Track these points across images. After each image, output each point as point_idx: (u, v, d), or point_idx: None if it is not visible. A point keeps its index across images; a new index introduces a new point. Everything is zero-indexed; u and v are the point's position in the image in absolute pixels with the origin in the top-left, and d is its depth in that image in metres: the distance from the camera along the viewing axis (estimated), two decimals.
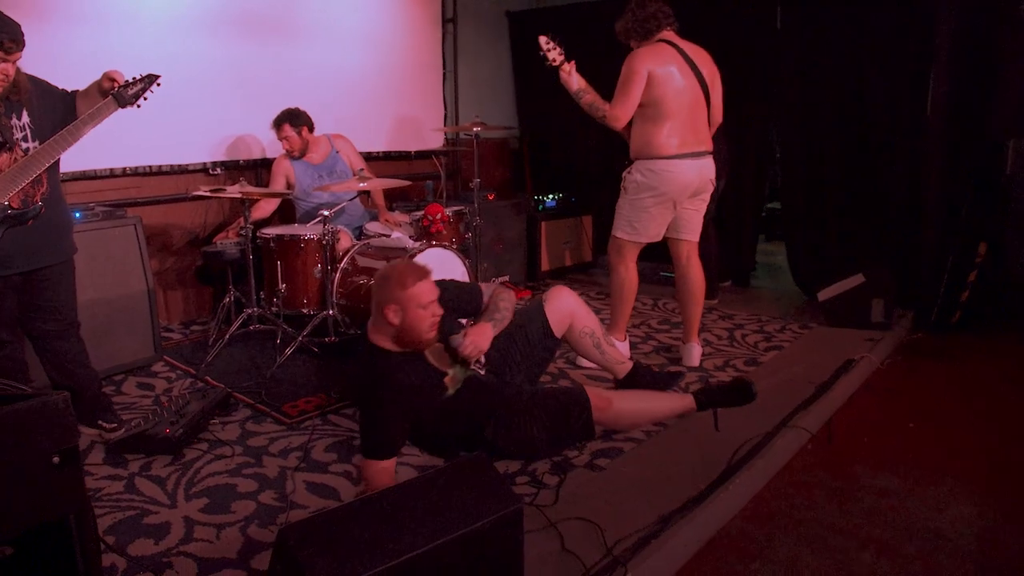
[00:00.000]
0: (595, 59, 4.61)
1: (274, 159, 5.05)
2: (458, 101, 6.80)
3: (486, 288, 3.34)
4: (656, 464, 2.99)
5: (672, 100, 3.80)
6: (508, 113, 7.25)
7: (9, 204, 2.83)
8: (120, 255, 4.07)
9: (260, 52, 5.25)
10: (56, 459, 1.60)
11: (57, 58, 3.98)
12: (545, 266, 6.32)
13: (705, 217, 4.22)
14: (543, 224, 6.25)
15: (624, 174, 4.02)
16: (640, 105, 3.83)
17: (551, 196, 6.40)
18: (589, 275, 6.62)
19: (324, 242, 4.17)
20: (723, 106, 4.19)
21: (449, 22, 6.65)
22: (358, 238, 4.75)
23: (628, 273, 4.11)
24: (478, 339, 3.02)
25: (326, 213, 4.14)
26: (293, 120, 4.85)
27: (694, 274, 4.15)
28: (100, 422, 3.33)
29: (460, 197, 6.15)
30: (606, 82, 3.98)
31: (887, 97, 5.12)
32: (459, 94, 6.83)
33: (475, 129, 4.59)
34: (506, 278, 5.81)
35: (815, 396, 3.70)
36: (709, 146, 4.00)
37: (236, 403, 3.62)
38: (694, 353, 4.20)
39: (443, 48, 6.62)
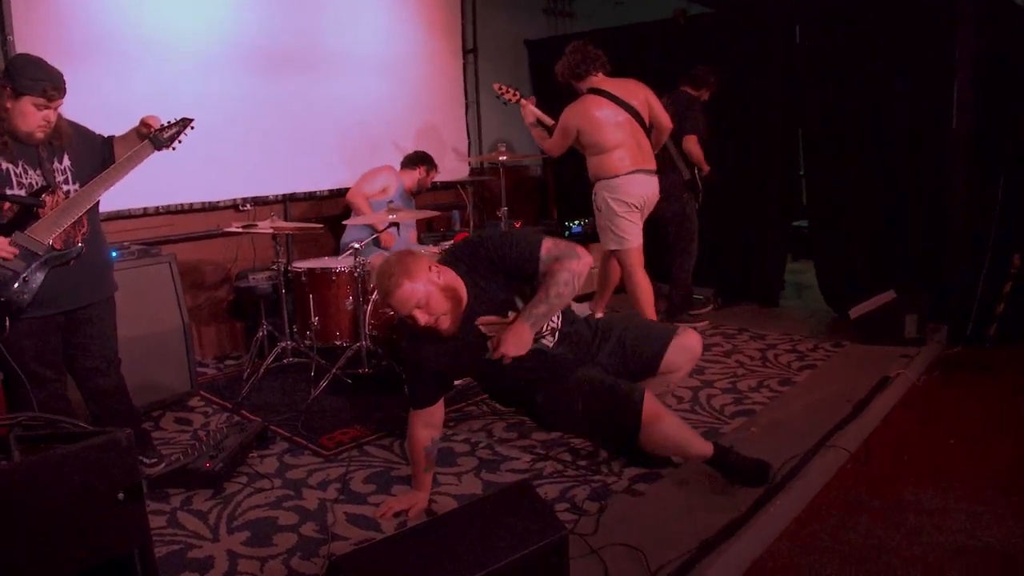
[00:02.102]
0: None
1: (305, 193, 5.12)
2: (481, 130, 6.87)
3: (550, 247, 2.75)
4: (695, 489, 2.98)
5: (611, 136, 4.55)
6: (530, 140, 7.28)
7: (52, 245, 2.90)
8: (156, 292, 4.13)
9: (285, 87, 5.34)
10: (121, 495, 1.63)
11: (95, 101, 4.07)
12: None
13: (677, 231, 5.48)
14: None
15: (593, 198, 4.74)
16: (586, 146, 4.66)
17: (577, 222, 6.42)
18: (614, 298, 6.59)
19: (355, 274, 4.21)
20: (747, 125, 4.84)
21: (470, 52, 6.73)
22: None
23: (635, 274, 4.74)
24: (510, 346, 2.72)
25: (356, 246, 4.19)
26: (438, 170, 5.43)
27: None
28: (141, 457, 3.36)
29: (487, 226, 6.19)
30: None
31: (910, 109, 5.10)
32: (482, 123, 6.89)
33: (501, 157, 4.63)
34: None
35: (852, 415, 3.67)
36: (654, 166, 4.72)
37: (273, 436, 3.65)
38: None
39: (464, 78, 6.70)
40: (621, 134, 4.56)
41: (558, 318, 2.94)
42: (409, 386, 2.97)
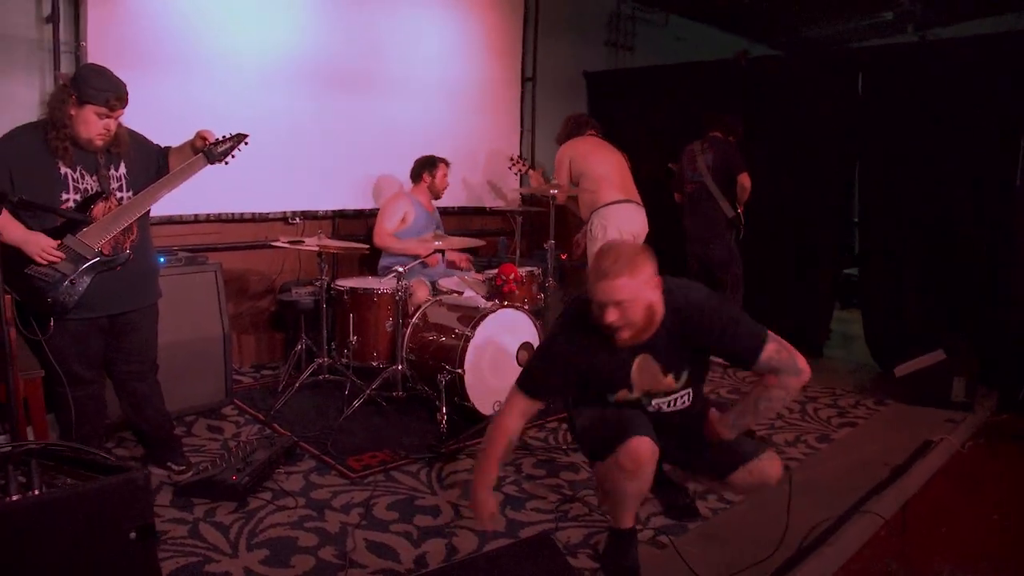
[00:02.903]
0: (661, 114, 5.04)
1: (355, 210, 5.17)
2: (534, 158, 6.88)
3: (771, 354, 2.56)
4: (721, 545, 2.91)
5: (599, 166, 4.89)
6: None
7: (101, 250, 2.96)
8: (200, 300, 4.20)
9: (342, 106, 5.42)
10: (133, 535, 1.63)
11: (156, 109, 4.17)
12: None
13: (724, 275, 5.55)
14: None
15: (587, 229, 4.97)
16: (578, 178, 4.93)
17: None
18: None
19: (397, 297, 4.22)
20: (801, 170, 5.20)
21: (528, 81, 6.77)
22: (432, 293, 4.81)
23: None
24: (716, 430, 2.69)
25: (400, 269, 4.20)
26: (447, 161, 5.21)
27: None
28: (169, 464, 3.40)
29: (533, 256, 6.18)
30: (669, 137, 4.59)
31: (972, 164, 4.99)
32: (535, 151, 6.91)
33: (552, 192, 4.62)
34: None
35: (890, 479, 3.56)
36: (639, 200, 4.98)
37: (302, 453, 3.66)
38: None
39: (521, 106, 6.73)
40: (609, 167, 4.92)
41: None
42: (533, 368, 2.76)
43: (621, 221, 4.84)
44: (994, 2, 6.97)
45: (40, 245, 2.83)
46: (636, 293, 2.43)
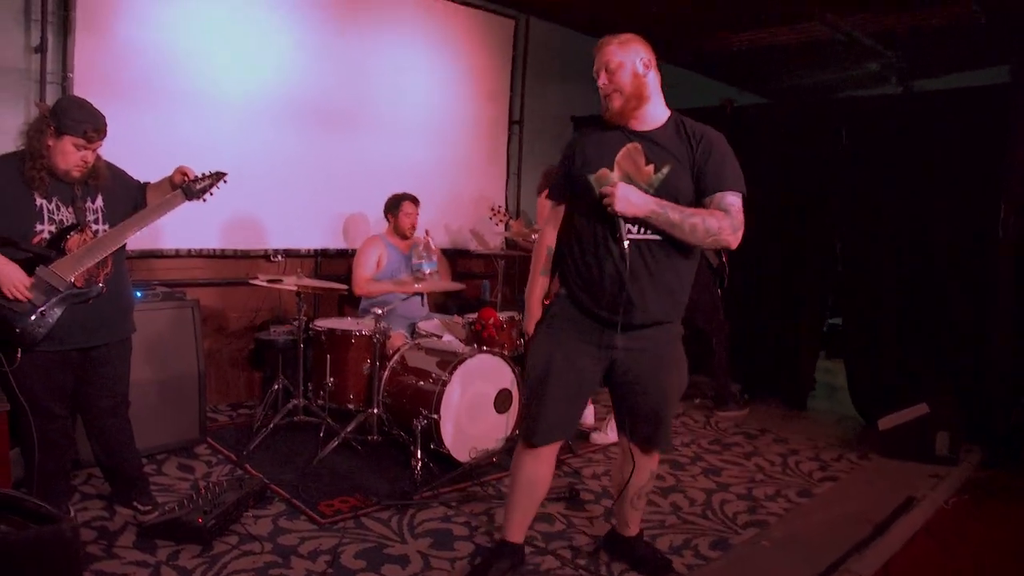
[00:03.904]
0: None
1: (337, 250, 5.12)
2: (520, 202, 6.88)
3: (731, 204, 2.66)
4: None
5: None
6: None
7: (73, 282, 2.91)
8: (176, 336, 4.14)
9: (327, 145, 5.41)
10: None
11: (138, 143, 4.16)
12: None
13: (708, 325, 5.40)
14: None
15: None
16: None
17: None
18: None
19: (375, 339, 4.17)
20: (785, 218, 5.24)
21: (515, 124, 6.79)
22: (412, 335, 4.76)
23: None
24: (619, 196, 2.54)
25: (379, 311, 4.16)
26: (415, 199, 5.03)
27: None
28: (135, 503, 3.32)
29: (516, 301, 6.15)
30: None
31: (954, 218, 5.02)
32: (521, 195, 6.91)
33: (533, 236, 4.60)
34: None
35: (871, 537, 3.50)
36: None
37: (272, 496, 3.58)
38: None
39: (508, 149, 6.75)
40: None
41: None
42: (553, 173, 3.02)
43: None
44: (975, 56, 7.08)
45: (12, 279, 2.78)
46: (623, 60, 2.64)
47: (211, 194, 3.15)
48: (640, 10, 6.41)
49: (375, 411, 4.17)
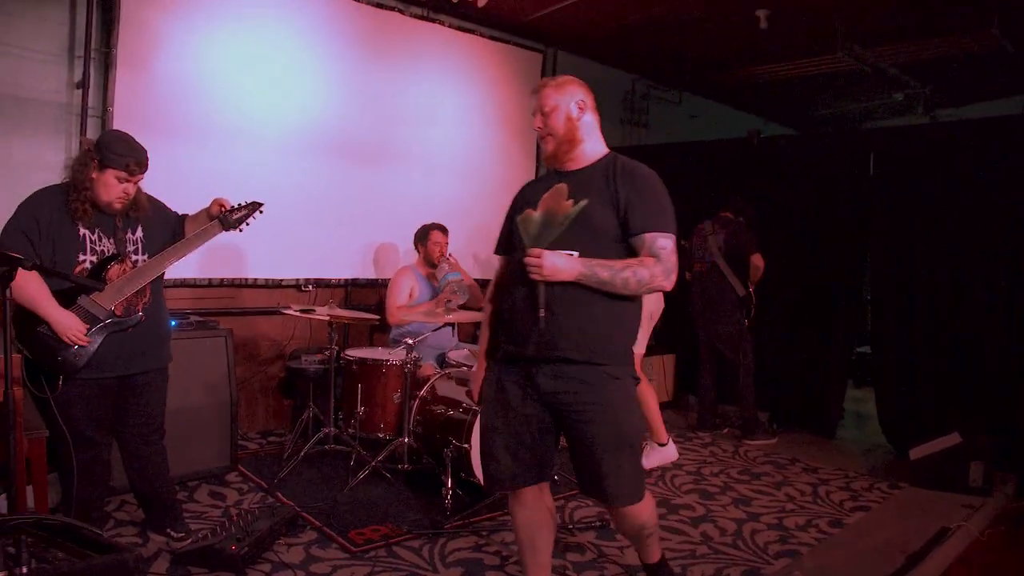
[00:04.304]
0: (673, 191, 5.14)
1: (367, 280, 5.18)
2: None
3: (662, 247, 2.52)
4: None
5: None
6: None
7: (113, 311, 2.99)
8: (209, 365, 4.21)
9: (358, 176, 5.51)
10: None
11: (175, 176, 4.26)
12: None
13: (735, 353, 5.48)
14: None
15: None
16: None
17: None
18: (668, 414, 6.46)
19: (406, 369, 4.21)
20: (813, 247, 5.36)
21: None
22: (442, 365, 4.79)
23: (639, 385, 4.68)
24: (548, 263, 2.43)
25: (410, 341, 4.20)
26: (444, 228, 5.06)
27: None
28: (169, 530, 3.36)
29: None
30: (681, 214, 4.75)
31: (984, 244, 5.01)
32: None
33: None
34: None
35: (905, 568, 3.46)
36: None
37: (304, 524, 3.60)
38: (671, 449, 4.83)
39: None
40: None
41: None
42: (502, 229, 2.91)
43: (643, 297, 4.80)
44: (1002, 85, 7.08)
45: (71, 328, 2.88)
46: (558, 104, 2.65)
47: (247, 224, 3.22)
48: (663, 42, 6.50)
49: (405, 440, 4.20)
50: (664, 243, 2.51)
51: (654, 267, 2.48)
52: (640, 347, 4.82)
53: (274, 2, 5.03)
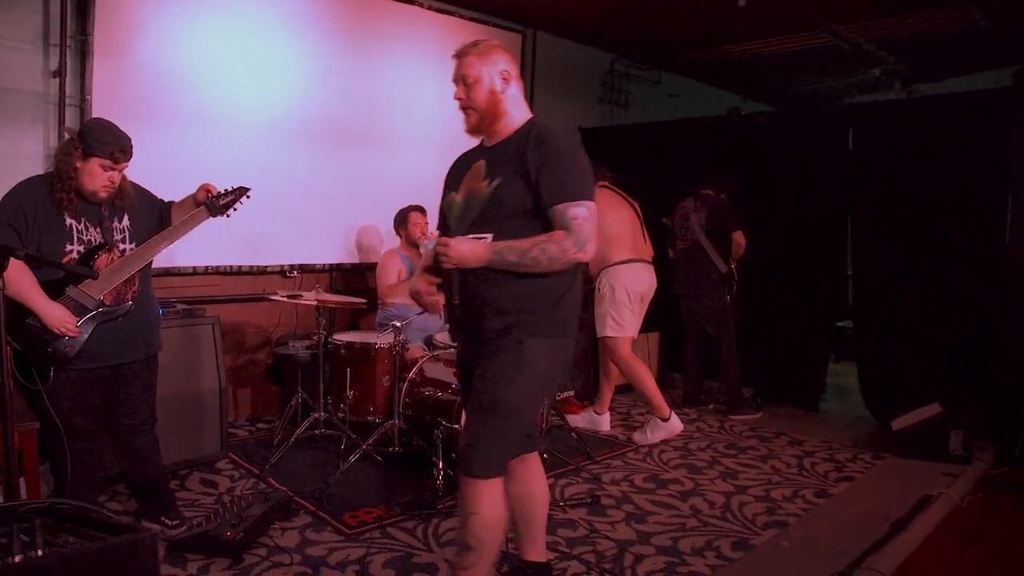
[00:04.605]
0: (655, 170, 5.20)
1: (351, 264, 5.18)
2: None
3: (575, 215, 2.41)
4: None
5: (613, 222, 4.87)
6: None
7: (102, 300, 2.98)
8: (196, 353, 4.20)
9: (340, 161, 5.50)
10: None
11: (156, 162, 4.22)
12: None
13: (717, 329, 5.60)
14: None
15: (596, 286, 4.96)
16: None
17: None
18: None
19: (394, 352, 4.23)
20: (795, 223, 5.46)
21: None
22: (429, 347, 4.81)
23: (632, 361, 4.93)
24: (454, 251, 2.41)
25: (398, 324, 4.22)
26: (422, 209, 5.11)
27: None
28: (163, 518, 3.36)
29: None
30: (663, 192, 5.61)
31: (962, 218, 5.09)
32: None
33: None
34: (571, 393, 5.77)
35: (890, 535, 3.53)
36: (650, 257, 5.07)
37: (297, 508, 3.62)
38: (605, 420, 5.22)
39: None
40: (621, 225, 4.96)
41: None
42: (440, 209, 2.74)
43: (628, 280, 4.87)
44: (977, 60, 7.16)
45: (60, 319, 2.87)
46: (480, 73, 2.53)
47: (235, 209, 3.22)
48: (641, 22, 6.50)
49: (395, 423, 4.23)
50: (575, 212, 2.39)
51: (564, 241, 2.37)
52: (632, 330, 4.90)
53: None
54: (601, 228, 4.64)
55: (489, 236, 2.44)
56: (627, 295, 4.86)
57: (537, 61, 6.89)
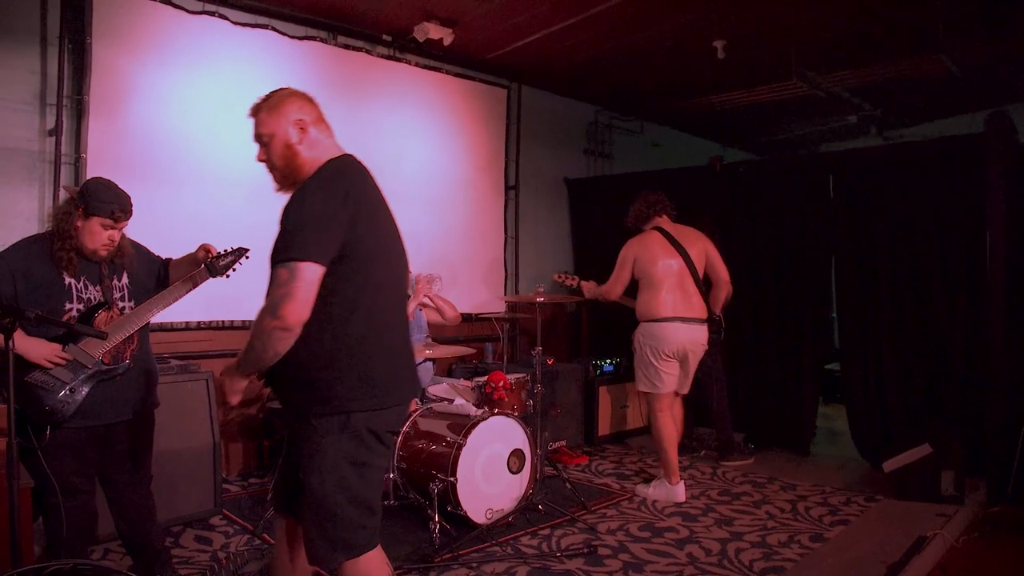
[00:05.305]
0: None
1: None
2: (519, 264, 7.01)
3: (278, 277, 2.29)
4: None
5: (659, 272, 4.75)
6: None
7: (101, 359, 2.99)
8: (191, 409, 4.20)
9: None
10: None
11: (148, 220, 4.25)
12: (603, 430, 6.29)
13: (707, 376, 5.42)
14: (601, 388, 6.27)
15: (633, 336, 4.87)
16: (638, 278, 4.83)
17: (608, 361, 6.44)
18: (644, 439, 6.53)
19: None
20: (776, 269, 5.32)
21: (511, 189, 6.96)
22: (422, 400, 4.82)
23: (661, 418, 4.78)
24: (227, 393, 2.37)
25: None
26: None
27: (678, 419, 5.01)
28: None
29: (520, 361, 6.21)
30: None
31: (944, 255, 5.20)
32: (520, 257, 7.04)
33: (538, 299, 4.69)
34: (563, 443, 5.78)
35: None
36: (701, 314, 4.80)
37: None
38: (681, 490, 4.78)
39: (505, 213, 6.91)
40: (669, 275, 4.77)
41: None
42: None
43: (657, 341, 4.72)
44: (950, 106, 7.37)
45: (42, 352, 2.86)
46: (274, 129, 2.44)
47: (234, 270, 3.26)
48: (619, 75, 6.67)
49: (391, 476, 4.22)
50: (275, 274, 2.22)
51: (261, 312, 2.17)
52: (666, 388, 4.79)
53: (245, 45, 5.10)
54: (650, 275, 4.71)
55: None
56: (652, 353, 4.75)
57: (523, 114, 7.04)
